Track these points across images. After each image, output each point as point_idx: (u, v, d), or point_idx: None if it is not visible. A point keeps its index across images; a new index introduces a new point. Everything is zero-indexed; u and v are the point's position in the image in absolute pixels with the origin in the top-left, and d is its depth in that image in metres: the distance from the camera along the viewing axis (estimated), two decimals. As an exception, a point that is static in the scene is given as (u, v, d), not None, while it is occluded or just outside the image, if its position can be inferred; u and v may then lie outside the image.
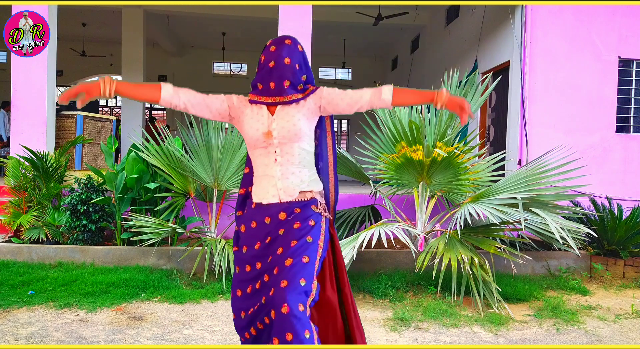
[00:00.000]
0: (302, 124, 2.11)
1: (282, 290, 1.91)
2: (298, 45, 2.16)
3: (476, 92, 4.91)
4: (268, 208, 2.14)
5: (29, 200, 5.14)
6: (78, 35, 13.61)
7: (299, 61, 2.14)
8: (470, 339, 3.36)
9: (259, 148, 2.15)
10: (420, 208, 4.80)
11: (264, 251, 2.12)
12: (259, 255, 2.13)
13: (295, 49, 2.14)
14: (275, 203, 2.13)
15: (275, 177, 2.12)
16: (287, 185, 2.12)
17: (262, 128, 2.11)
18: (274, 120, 2.11)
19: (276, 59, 2.10)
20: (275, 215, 2.12)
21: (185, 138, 4.98)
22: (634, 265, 4.88)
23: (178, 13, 10.48)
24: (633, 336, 3.49)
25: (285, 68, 2.10)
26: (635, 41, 6.38)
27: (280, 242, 2.08)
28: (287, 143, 2.11)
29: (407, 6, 10.06)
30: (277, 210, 2.12)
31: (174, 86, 2.13)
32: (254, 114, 2.15)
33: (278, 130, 2.10)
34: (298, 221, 2.09)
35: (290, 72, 2.11)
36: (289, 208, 2.12)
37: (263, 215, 2.14)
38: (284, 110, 2.12)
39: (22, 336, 3.16)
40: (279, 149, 2.12)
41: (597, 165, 6.25)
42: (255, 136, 2.12)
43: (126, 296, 3.94)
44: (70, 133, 6.86)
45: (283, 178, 2.12)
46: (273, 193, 2.13)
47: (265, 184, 2.14)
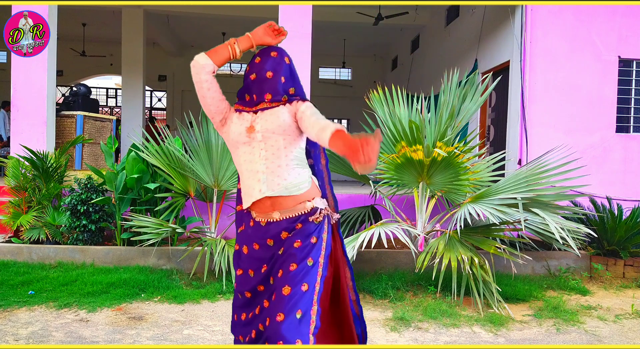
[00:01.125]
0: (285, 117, 2.03)
1: (277, 324, 1.85)
2: (285, 58, 2.11)
3: (476, 92, 4.90)
4: (268, 229, 2.05)
5: (29, 200, 5.14)
6: (78, 35, 13.60)
7: (284, 74, 2.09)
8: (470, 339, 3.36)
9: (242, 145, 2.07)
10: (420, 208, 4.80)
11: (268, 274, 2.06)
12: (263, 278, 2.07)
13: (281, 61, 2.09)
14: (275, 222, 2.04)
15: (260, 171, 2.03)
16: (272, 179, 2.02)
17: (245, 124, 2.07)
18: (257, 117, 2.07)
19: (258, 72, 2.07)
20: (277, 236, 2.04)
21: (185, 138, 4.98)
22: (634, 265, 4.88)
23: (178, 13, 10.48)
24: (633, 336, 3.49)
25: (267, 82, 2.06)
26: (635, 41, 6.38)
27: (280, 264, 2.00)
28: (271, 136, 2.02)
29: (407, 6, 10.06)
30: (279, 229, 2.04)
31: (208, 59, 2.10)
32: (237, 119, 2.11)
33: (261, 124, 2.03)
34: (299, 239, 2.00)
35: (272, 85, 2.06)
36: (289, 226, 2.03)
37: (264, 237, 2.06)
38: (266, 111, 2.07)
39: (22, 336, 3.16)
40: (264, 143, 2.03)
41: (597, 165, 6.25)
42: (238, 131, 2.06)
43: (126, 296, 3.94)
44: (70, 133, 6.86)
45: (268, 172, 2.02)
46: (259, 188, 2.03)
47: (250, 181, 2.06)
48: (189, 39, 14.92)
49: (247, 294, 2.12)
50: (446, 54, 9.72)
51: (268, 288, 2.05)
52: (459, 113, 4.81)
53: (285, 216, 2.04)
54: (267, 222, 2.07)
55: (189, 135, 4.97)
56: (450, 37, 9.63)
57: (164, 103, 17.40)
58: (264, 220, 2.07)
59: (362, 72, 16.45)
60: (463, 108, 4.85)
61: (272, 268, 2.05)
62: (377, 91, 5.13)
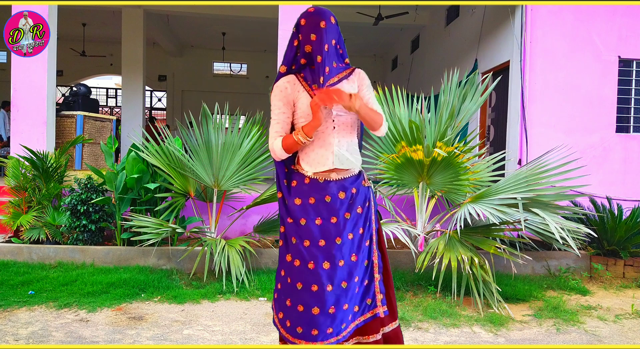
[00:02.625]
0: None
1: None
2: (332, 22, 2.14)
3: (476, 92, 4.90)
4: (327, 186, 2.18)
5: (29, 200, 5.15)
6: (78, 35, 13.61)
7: (337, 40, 2.18)
8: (470, 339, 3.36)
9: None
10: (420, 208, 4.80)
11: (328, 230, 2.15)
12: (321, 231, 2.15)
13: (331, 29, 2.14)
14: (332, 181, 2.18)
15: (333, 144, 2.17)
16: (342, 153, 2.18)
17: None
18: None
19: (318, 48, 2.11)
20: (335, 194, 2.17)
21: (185, 138, 4.97)
22: (634, 265, 4.88)
23: (178, 13, 10.48)
24: (633, 336, 3.49)
25: (328, 57, 2.12)
26: (635, 41, 6.38)
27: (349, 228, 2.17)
28: (343, 114, 2.17)
29: (407, 6, 10.06)
30: (336, 188, 2.18)
31: (280, 142, 2.19)
32: (307, 99, 2.17)
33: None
34: (359, 206, 2.20)
35: (332, 57, 2.14)
36: (344, 186, 2.18)
37: (322, 193, 2.17)
38: (334, 86, 2.16)
39: (22, 336, 3.16)
40: (337, 119, 2.17)
41: (597, 165, 6.25)
42: (308, 111, 2.15)
43: (126, 296, 3.94)
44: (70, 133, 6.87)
45: (339, 145, 2.17)
46: (332, 160, 2.16)
47: (323, 152, 2.17)
48: (189, 39, 14.92)
49: (304, 242, 2.15)
50: (446, 54, 9.72)
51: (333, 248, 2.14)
52: (459, 113, 4.82)
53: (339, 167, 2.19)
54: (325, 179, 2.20)
55: (189, 135, 4.97)
56: (450, 37, 9.63)
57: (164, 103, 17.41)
58: (322, 178, 2.20)
59: (362, 72, 16.43)
60: (463, 108, 4.85)
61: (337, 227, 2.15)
62: (377, 91, 5.13)
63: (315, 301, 2.08)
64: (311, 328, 2.08)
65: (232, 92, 15.93)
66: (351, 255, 2.14)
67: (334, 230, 2.14)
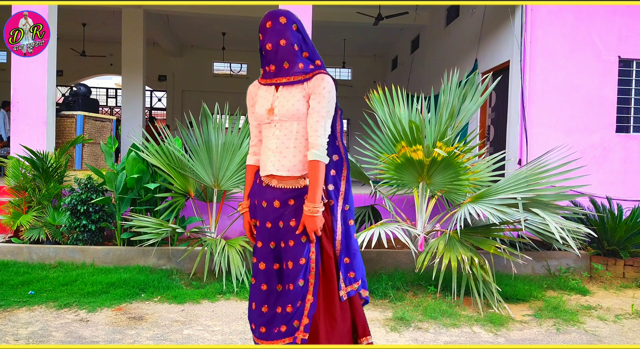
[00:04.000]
0: (300, 105, 2.13)
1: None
2: (293, 24, 2.15)
3: (476, 92, 4.90)
4: (265, 191, 2.21)
5: (29, 200, 5.14)
6: (78, 35, 13.61)
7: (297, 41, 2.16)
8: (470, 339, 3.36)
9: (264, 124, 2.24)
10: (420, 208, 4.80)
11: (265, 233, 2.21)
12: (261, 233, 2.24)
13: (290, 27, 2.14)
14: (272, 188, 2.19)
15: (271, 150, 2.19)
16: (279, 159, 2.17)
17: (266, 105, 2.21)
18: (277, 98, 2.19)
19: (273, 41, 2.14)
20: (271, 201, 2.19)
21: (185, 138, 4.97)
22: (634, 265, 4.88)
23: (178, 13, 10.48)
24: (633, 336, 3.49)
25: (282, 51, 2.14)
26: (635, 41, 6.38)
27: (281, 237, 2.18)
28: (286, 121, 2.16)
29: (407, 6, 10.06)
30: (273, 195, 2.19)
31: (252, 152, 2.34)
32: (263, 93, 2.24)
33: (279, 108, 2.16)
34: (293, 219, 2.15)
35: (287, 53, 2.14)
36: (281, 195, 2.17)
37: (261, 197, 2.23)
38: (285, 89, 2.18)
39: (22, 336, 3.16)
40: (279, 124, 2.18)
41: (597, 165, 6.25)
42: (261, 113, 2.22)
43: (126, 296, 3.94)
44: (70, 133, 6.87)
45: (277, 152, 2.17)
46: (270, 166, 2.19)
47: (264, 157, 2.23)
48: (189, 39, 14.93)
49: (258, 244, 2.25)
50: (446, 54, 9.72)
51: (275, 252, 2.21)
52: (459, 113, 4.81)
53: (279, 174, 2.18)
54: (267, 184, 2.23)
55: (189, 135, 4.97)
56: (450, 37, 9.63)
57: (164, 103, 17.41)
58: (265, 182, 2.24)
59: (362, 72, 16.45)
60: (463, 108, 4.85)
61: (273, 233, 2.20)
62: (377, 91, 5.13)
63: (253, 297, 2.24)
64: (251, 321, 2.25)
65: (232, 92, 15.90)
66: (288, 261, 2.16)
67: (269, 233, 2.20)
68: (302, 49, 2.18)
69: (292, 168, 2.16)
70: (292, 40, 2.14)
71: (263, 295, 2.21)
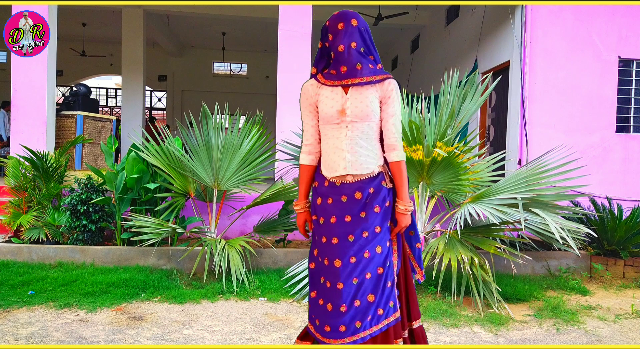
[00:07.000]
0: (375, 106, 2.21)
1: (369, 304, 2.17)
2: (362, 27, 2.20)
3: (476, 92, 4.90)
4: (342, 188, 2.24)
5: (29, 200, 5.15)
6: (78, 35, 13.61)
7: (365, 43, 2.21)
8: (470, 339, 3.36)
9: (331, 124, 2.25)
10: (420, 208, 4.80)
11: (342, 228, 2.22)
12: (334, 228, 2.23)
13: (360, 30, 2.19)
14: (349, 183, 2.23)
15: (345, 150, 2.22)
16: (355, 159, 2.22)
17: (336, 106, 2.22)
18: (347, 99, 2.21)
19: (345, 43, 2.17)
20: (351, 195, 2.22)
21: (185, 138, 4.97)
22: (634, 265, 4.88)
23: (178, 13, 10.48)
24: (633, 336, 3.49)
25: (355, 52, 2.18)
26: (635, 41, 6.38)
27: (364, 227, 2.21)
28: (358, 121, 2.21)
29: (407, 6, 10.06)
30: (352, 189, 2.22)
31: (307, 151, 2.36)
32: (329, 94, 2.24)
33: (352, 109, 2.20)
34: (377, 205, 2.22)
35: (359, 55, 2.19)
36: (361, 187, 2.22)
37: (338, 194, 2.24)
38: (356, 90, 2.21)
39: (22, 336, 3.16)
40: (351, 125, 2.21)
41: (597, 165, 6.25)
42: (330, 113, 2.23)
43: (126, 296, 3.94)
44: (70, 133, 6.87)
45: (352, 152, 2.22)
46: (343, 166, 2.22)
47: (335, 157, 2.24)
48: (189, 39, 14.93)
49: (322, 239, 2.25)
50: (446, 54, 9.72)
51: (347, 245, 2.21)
52: (459, 113, 4.81)
53: (353, 173, 2.23)
54: (342, 183, 2.25)
55: (189, 135, 4.97)
56: (450, 37, 9.63)
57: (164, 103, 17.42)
58: (339, 181, 2.26)
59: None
60: (463, 108, 4.85)
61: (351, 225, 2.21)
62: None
63: (328, 298, 2.18)
64: (324, 324, 2.17)
65: (232, 92, 15.93)
66: (364, 252, 2.18)
67: (347, 227, 2.21)
68: (370, 52, 2.25)
69: (367, 166, 2.23)
70: (362, 43, 2.20)
71: (340, 293, 2.15)
